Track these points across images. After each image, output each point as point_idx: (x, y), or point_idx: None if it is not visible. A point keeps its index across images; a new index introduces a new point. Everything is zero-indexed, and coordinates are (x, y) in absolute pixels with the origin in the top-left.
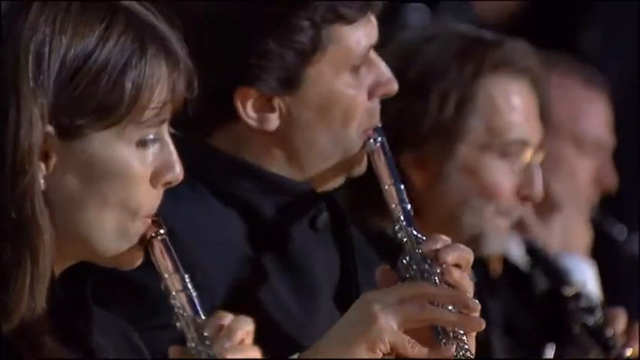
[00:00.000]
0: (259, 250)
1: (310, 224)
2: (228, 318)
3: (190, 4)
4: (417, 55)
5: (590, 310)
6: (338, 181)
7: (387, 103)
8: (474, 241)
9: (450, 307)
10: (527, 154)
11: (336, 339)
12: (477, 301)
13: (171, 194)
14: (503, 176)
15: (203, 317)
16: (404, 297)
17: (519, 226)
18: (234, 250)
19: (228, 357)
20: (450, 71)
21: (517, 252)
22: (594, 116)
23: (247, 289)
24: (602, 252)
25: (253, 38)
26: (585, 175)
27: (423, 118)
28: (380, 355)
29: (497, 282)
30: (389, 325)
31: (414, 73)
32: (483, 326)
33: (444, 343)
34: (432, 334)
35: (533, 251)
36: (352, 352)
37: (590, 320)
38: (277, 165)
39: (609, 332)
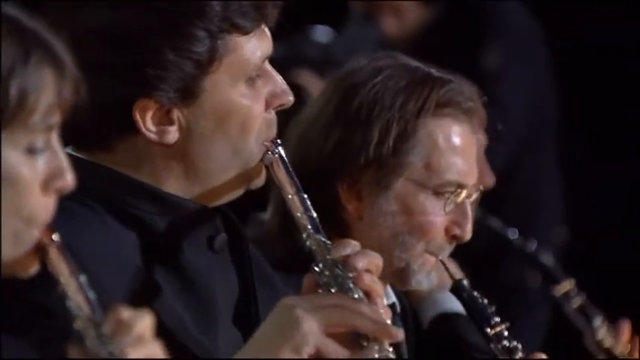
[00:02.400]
0: (157, 272)
1: (208, 245)
2: (126, 313)
3: (85, 14)
4: (363, 86)
5: (511, 351)
6: (236, 194)
7: (328, 131)
8: (400, 275)
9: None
10: (462, 196)
11: (261, 345)
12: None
13: (70, 215)
14: (435, 215)
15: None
16: (324, 303)
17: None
18: (132, 272)
19: (129, 352)
20: (394, 106)
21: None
22: None
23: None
24: (489, 250)
25: (150, 48)
26: None
27: (362, 150)
28: (305, 358)
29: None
30: (313, 328)
31: (358, 104)
32: (401, 337)
33: (365, 345)
34: (352, 337)
35: (458, 290)
36: (278, 355)
37: None
38: (175, 179)
39: None
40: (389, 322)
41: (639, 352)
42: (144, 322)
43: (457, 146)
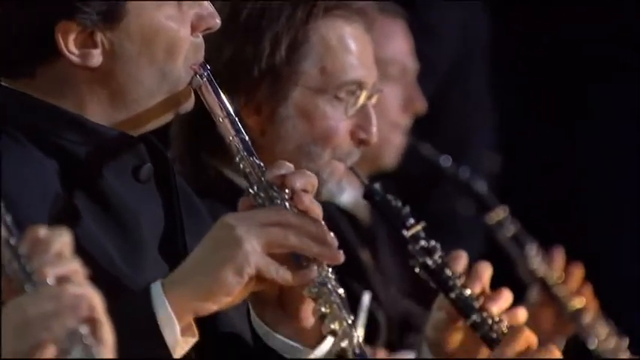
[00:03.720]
0: (81, 203)
1: (133, 175)
2: (42, 231)
3: None
4: None
5: (430, 251)
6: (165, 119)
7: (219, 47)
8: None
9: None
10: (362, 97)
11: (201, 263)
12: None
13: None
14: (337, 120)
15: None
16: (266, 221)
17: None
18: (55, 203)
19: (47, 271)
20: (282, 14)
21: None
22: (396, 43)
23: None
24: (422, 177)
25: None
26: (394, 101)
27: (255, 63)
28: (246, 279)
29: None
30: (254, 249)
31: (247, 16)
32: (342, 259)
33: (305, 266)
34: (292, 256)
35: (372, 194)
36: (219, 276)
37: (429, 261)
38: (100, 105)
39: (448, 272)
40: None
41: (573, 281)
42: (62, 240)
43: (351, 47)
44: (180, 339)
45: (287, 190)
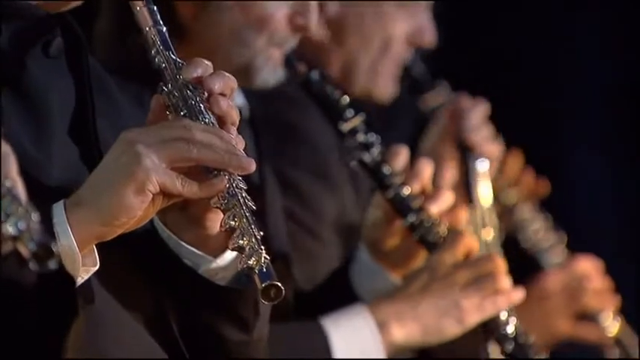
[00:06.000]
0: None
1: (43, 51)
2: None
3: None
4: None
5: (367, 146)
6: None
7: None
8: (244, 73)
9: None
10: None
11: (101, 183)
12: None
13: None
14: (274, 5)
15: None
16: (169, 137)
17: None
18: None
19: None
20: None
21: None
22: None
23: None
24: None
25: None
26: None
27: None
28: (149, 197)
29: (270, 117)
30: (155, 163)
31: None
32: (254, 167)
33: (215, 176)
34: (201, 168)
35: (309, 84)
36: (120, 195)
37: (367, 157)
38: None
39: (387, 169)
40: (241, 147)
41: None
42: None
43: None
44: (81, 269)
45: (204, 92)
